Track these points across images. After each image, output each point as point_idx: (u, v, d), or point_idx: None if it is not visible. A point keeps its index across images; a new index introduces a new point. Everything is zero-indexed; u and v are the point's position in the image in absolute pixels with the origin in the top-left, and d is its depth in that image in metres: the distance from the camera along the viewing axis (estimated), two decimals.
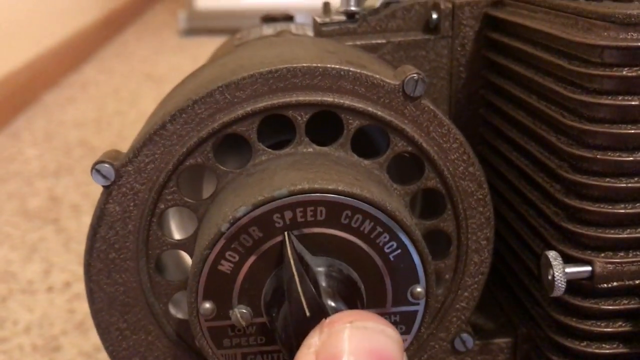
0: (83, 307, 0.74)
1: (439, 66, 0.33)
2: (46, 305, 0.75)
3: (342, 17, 0.34)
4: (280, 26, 0.42)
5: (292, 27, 0.42)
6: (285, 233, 0.23)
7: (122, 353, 0.28)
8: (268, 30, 0.41)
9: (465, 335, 0.29)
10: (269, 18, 0.44)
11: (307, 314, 0.20)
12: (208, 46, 1.86)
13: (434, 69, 0.33)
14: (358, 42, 0.32)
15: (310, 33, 0.41)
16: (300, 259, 0.22)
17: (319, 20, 0.33)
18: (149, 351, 0.28)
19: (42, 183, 1.06)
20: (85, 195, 1.01)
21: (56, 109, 1.35)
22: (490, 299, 0.33)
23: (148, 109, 1.46)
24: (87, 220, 0.95)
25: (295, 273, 0.21)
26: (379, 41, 0.32)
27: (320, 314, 0.20)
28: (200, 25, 1.73)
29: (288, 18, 0.44)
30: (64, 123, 1.28)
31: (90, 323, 0.73)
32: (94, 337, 0.69)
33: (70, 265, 0.82)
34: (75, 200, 1.00)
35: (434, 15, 0.32)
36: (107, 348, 0.28)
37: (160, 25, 2.01)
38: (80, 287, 0.78)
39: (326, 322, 0.19)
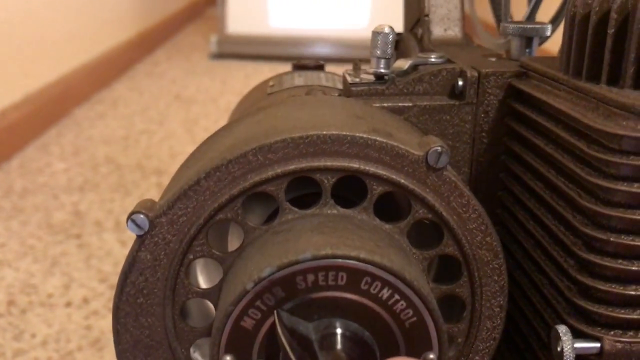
0: (99, 325, 0.75)
1: (463, 131, 0.34)
2: (64, 320, 0.76)
3: (372, 78, 0.35)
4: (310, 76, 0.44)
5: (322, 77, 0.44)
6: (275, 312, 0.24)
7: None
8: (299, 79, 0.43)
9: None
10: (300, 66, 0.46)
11: None
12: (237, 70, 1.89)
13: (458, 133, 0.34)
14: (385, 104, 0.34)
15: (339, 85, 0.43)
16: (291, 333, 0.23)
17: (349, 79, 0.35)
18: None
19: (67, 197, 1.08)
20: (108, 213, 1.03)
21: (86, 124, 1.39)
22: None
23: (175, 129, 1.48)
24: (108, 237, 0.97)
25: (288, 350, 0.22)
26: (406, 104, 0.34)
27: None
28: (231, 50, 1.76)
29: (319, 67, 0.46)
30: (93, 138, 1.31)
31: (105, 341, 0.75)
32: (108, 355, 0.71)
33: (89, 282, 0.84)
34: (98, 217, 1.02)
35: (460, 82, 0.34)
36: None
37: (191, 48, 2.05)
38: (98, 304, 0.79)
39: None
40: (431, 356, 0.25)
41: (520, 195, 0.32)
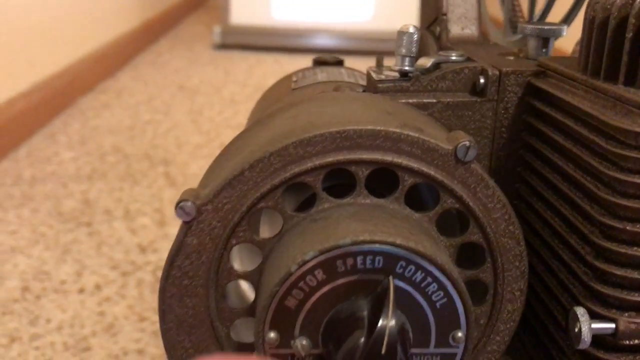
0: (112, 311, 0.77)
1: (483, 126, 0.36)
2: (77, 306, 0.78)
3: (396, 75, 0.37)
4: (332, 71, 0.45)
5: (344, 73, 0.46)
6: (390, 277, 0.26)
7: None
8: (322, 74, 0.44)
9: None
10: (321, 62, 0.48)
11: (383, 351, 0.23)
12: (240, 61, 1.90)
13: (478, 128, 0.36)
14: (410, 100, 0.35)
15: (361, 80, 0.45)
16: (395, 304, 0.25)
17: (375, 77, 0.37)
18: None
19: (76, 186, 1.09)
20: (117, 201, 1.04)
21: (91, 113, 1.40)
22: (519, 345, 0.36)
23: (180, 120, 1.50)
24: (118, 225, 0.99)
25: (390, 314, 0.24)
26: (430, 100, 0.35)
27: (392, 356, 0.23)
28: (234, 41, 1.77)
29: (338, 62, 0.48)
30: (99, 128, 1.33)
31: (119, 326, 0.77)
32: (122, 341, 0.72)
33: (101, 269, 0.86)
34: (107, 205, 1.03)
35: (482, 80, 0.36)
36: None
37: (194, 38, 2.06)
38: (110, 290, 0.81)
39: None
40: (459, 334, 0.27)
41: (538, 188, 0.34)
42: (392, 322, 0.24)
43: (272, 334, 0.27)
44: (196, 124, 1.35)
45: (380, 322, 0.24)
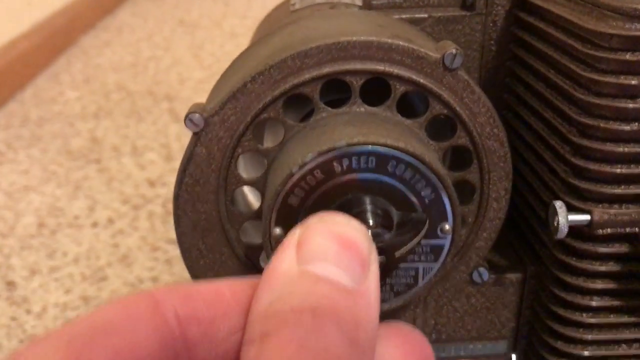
0: (126, 242, 0.81)
1: (473, 39, 0.38)
2: (92, 239, 0.82)
3: None
4: None
5: None
6: (427, 218, 0.30)
7: (199, 269, 0.34)
8: None
9: (482, 269, 0.35)
10: None
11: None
12: None
13: (468, 42, 0.38)
14: (403, 16, 0.37)
15: (357, 2, 0.46)
16: None
17: None
18: (222, 268, 0.34)
19: (83, 124, 1.11)
20: (124, 138, 1.07)
21: (93, 52, 1.40)
22: (505, 241, 0.39)
23: (182, 55, 1.50)
24: (127, 161, 1.02)
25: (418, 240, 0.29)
26: (422, 15, 0.37)
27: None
28: None
29: None
30: (102, 66, 1.34)
31: (133, 257, 0.80)
32: (137, 270, 0.76)
33: (112, 203, 0.89)
34: (115, 141, 1.06)
35: None
36: (187, 264, 0.34)
37: None
38: (122, 223, 0.84)
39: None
40: (447, 226, 0.30)
41: (524, 95, 0.37)
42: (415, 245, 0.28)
43: (277, 230, 0.30)
44: (198, 58, 1.36)
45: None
